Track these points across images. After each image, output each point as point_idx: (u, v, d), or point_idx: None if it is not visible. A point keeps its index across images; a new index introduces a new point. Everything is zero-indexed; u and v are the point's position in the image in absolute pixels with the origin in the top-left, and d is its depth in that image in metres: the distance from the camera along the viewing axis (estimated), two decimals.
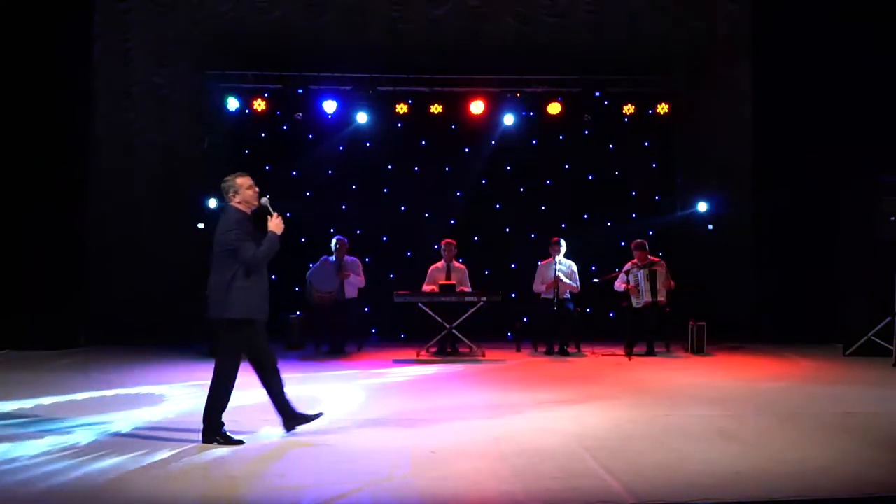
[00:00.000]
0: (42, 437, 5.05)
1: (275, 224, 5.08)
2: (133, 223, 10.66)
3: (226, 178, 5.12)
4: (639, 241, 9.55)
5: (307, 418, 5.28)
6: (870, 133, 9.43)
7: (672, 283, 9.34)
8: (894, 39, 9.48)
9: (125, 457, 4.56)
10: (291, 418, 5.24)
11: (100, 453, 4.63)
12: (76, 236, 9.95)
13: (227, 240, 4.96)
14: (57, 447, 4.78)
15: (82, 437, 5.06)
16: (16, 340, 9.28)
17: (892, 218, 8.63)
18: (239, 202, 5.08)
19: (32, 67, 9.55)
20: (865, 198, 8.95)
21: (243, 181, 5.09)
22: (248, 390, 6.91)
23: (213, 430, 4.93)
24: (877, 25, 9.57)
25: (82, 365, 8.30)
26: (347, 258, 9.73)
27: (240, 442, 4.94)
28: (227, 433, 4.96)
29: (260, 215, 5.16)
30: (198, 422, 4.87)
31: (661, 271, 9.30)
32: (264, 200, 5.12)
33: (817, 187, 10.02)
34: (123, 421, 5.55)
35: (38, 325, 9.38)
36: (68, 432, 5.18)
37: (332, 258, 9.71)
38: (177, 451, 4.71)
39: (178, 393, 6.76)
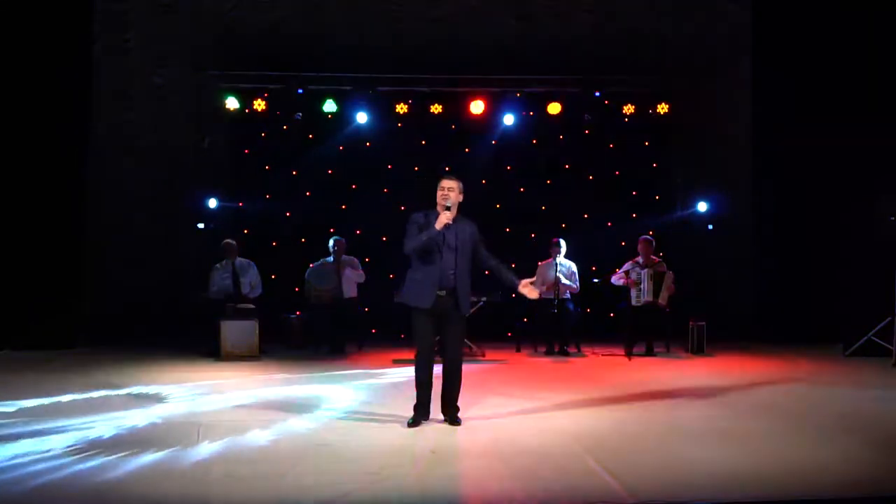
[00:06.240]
0: (41, 436, 5.03)
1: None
2: (133, 223, 10.66)
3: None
4: (647, 237, 9.53)
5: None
6: (870, 132, 9.43)
7: (674, 288, 9.32)
8: (894, 37, 9.48)
9: (124, 457, 4.55)
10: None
11: (98, 453, 4.62)
12: (76, 236, 9.94)
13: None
14: (55, 447, 4.77)
15: (81, 436, 5.05)
16: (16, 340, 9.27)
17: (892, 218, 8.63)
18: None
19: (32, 67, 9.53)
20: (865, 197, 8.95)
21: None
22: (247, 389, 6.94)
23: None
24: (877, 24, 9.57)
25: (82, 365, 8.28)
26: (345, 257, 9.73)
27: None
28: None
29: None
30: (197, 422, 4.83)
31: (668, 277, 9.27)
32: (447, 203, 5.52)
33: (817, 187, 10.01)
34: (122, 421, 5.54)
35: (38, 325, 9.37)
36: (67, 432, 5.17)
37: (331, 258, 9.71)
38: (176, 450, 4.70)
39: (178, 393, 6.74)
